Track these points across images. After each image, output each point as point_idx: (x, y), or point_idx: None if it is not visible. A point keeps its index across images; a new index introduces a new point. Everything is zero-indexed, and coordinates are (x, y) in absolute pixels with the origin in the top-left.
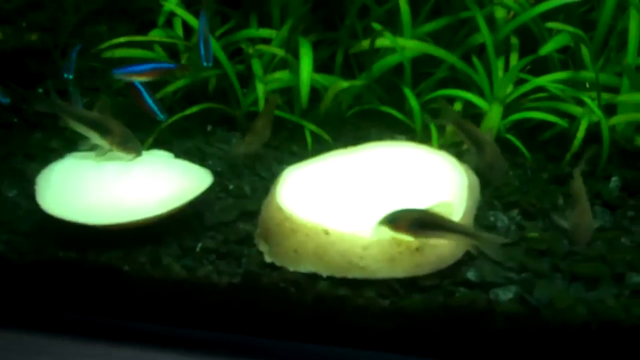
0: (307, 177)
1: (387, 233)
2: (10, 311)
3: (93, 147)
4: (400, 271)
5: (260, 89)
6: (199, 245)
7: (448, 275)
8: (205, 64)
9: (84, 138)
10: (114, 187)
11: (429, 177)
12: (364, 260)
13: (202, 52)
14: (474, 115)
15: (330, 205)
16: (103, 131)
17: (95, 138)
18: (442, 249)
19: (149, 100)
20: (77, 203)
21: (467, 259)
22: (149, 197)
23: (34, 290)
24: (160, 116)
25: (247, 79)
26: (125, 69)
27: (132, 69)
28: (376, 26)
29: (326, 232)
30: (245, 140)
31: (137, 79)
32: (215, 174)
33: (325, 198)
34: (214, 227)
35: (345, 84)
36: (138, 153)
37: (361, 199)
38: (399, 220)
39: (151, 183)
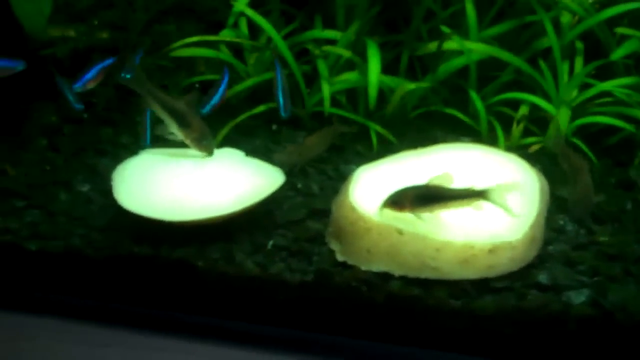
0: (378, 177)
1: (391, 214)
2: (84, 304)
3: (167, 134)
4: (472, 272)
5: (326, 89)
6: (271, 242)
7: (520, 277)
8: (283, 114)
9: (161, 123)
10: (187, 183)
11: (501, 180)
12: (436, 261)
13: (282, 101)
14: (538, 119)
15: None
16: (183, 123)
17: (172, 127)
18: (515, 251)
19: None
20: (152, 199)
21: (538, 262)
22: (222, 194)
23: (109, 285)
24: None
25: (312, 79)
26: (82, 81)
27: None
28: (445, 29)
29: (400, 232)
30: (288, 149)
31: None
32: (283, 171)
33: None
34: (284, 225)
35: (412, 85)
36: (210, 152)
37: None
38: (401, 200)
39: (224, 180)
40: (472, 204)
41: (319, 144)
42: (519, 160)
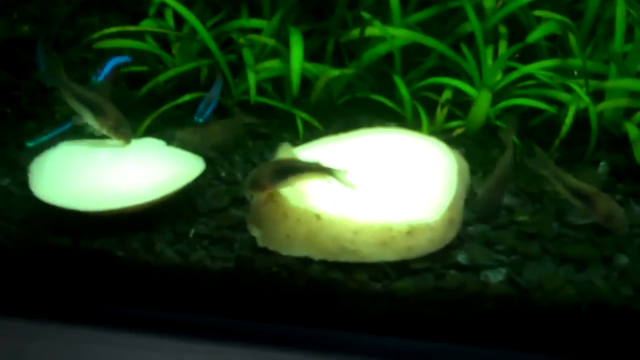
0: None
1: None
2: (2, 298)
3: (83, 125)
4: (391, 255)
5: (252, 78)
6: (192, 231)
7: (439, 258)
8: (195, 118)
9: (76, 114)
10: (107, 173)
11: (420, 163)
12: (355, 244)
13: (201, 108)
14: (463, 103)
15: (321, 190)
16: (97, 112)
17: (88, 118)
18: (434, 232)
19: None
20: (70, 190)
21: (457, 243)
22: (141, 183)
23: (28, 277)
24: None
25: (238, 68)
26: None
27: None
28: (365, 15)
29: (317, 217)
30: (189, 129)
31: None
32: (207, 161)
33: (316, 183)
34: (206, 213)
35: (336, 72)
36: (128, 140)
37: (353, 183)
38: (260, 180)
39: (144, 170)
40: (322, 178)
41: (222, 132)
42: (438, 143)
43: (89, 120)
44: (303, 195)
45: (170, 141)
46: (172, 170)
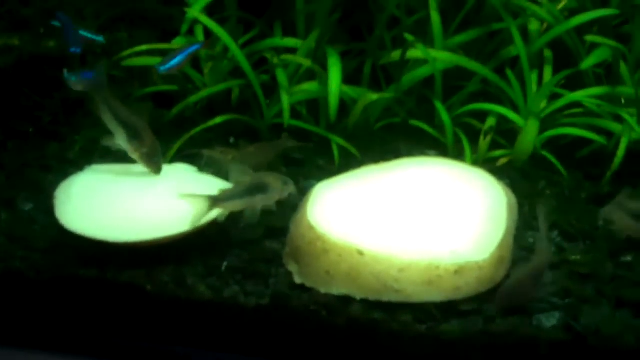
0: (338, 194)
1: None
2: (25, 330)
3: (115, 145)
4: (437, 295)
5: (286, 100)
6: (225, 264)
7: (488, 299)
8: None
9: (109, 133)
10: (137, 201)
11: (466, 196)
12: (399, 282)
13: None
14: (506, 131)
15: (364, 225)
16: (132, 135)
17: (121, 139)
18: (482, 272)
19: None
20: (98, 218)
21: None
22: (172, 213)
23: (51, 309)
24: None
25: (271, 89)
26: (168, 65)
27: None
28: (408, 37)
29: (360, 253)
30: (219, 149)
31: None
32: None
33: (358, 216)
34: (239, 245)
35: (374, 96)
36: (158, 171)
37: (397, 217)
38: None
39: (175, 197)
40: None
41: (255, 155)
42: (485, 175)
43: (122, 142)
44: (345, 230)
45: (198, 161)
46: None
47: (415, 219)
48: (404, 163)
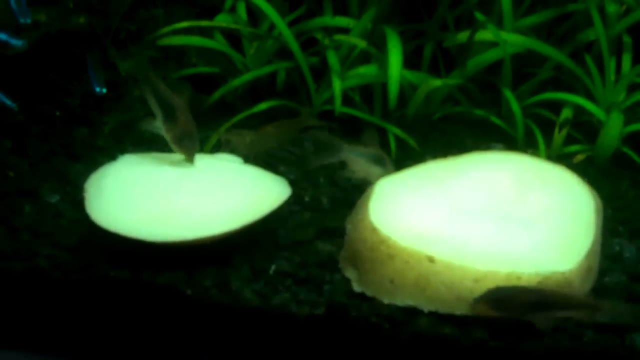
0: (404, 192)
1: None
2: (51, 335)
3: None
4: None
5: (338, 85)
6: (273, 267)
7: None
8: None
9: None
10: (175, 196)
11: (549, 197)
12: (475, 294)
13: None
14: (582, 123)
15: (434, 228)
16: (167, 115)
17: (158, 120)
18: (568, 284)
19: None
20: (133, 214)
21: (594, 296)
22: (216, 209)
23: (80, 313)
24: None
25: (320, 73)
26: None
27: None
28: (479, 16)
29: (430, 260)
30: (235, 132)
31: None
32: (288, 182)
33: (427, 219)
34: (288, 246)
35: (437, 82)
36: (191, 156)
37: (471, 221)
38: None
39: (219, 193)
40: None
41: (276, 135)
42: (567, 173)
43: (158, 123)
44: (413, 233)
45: (251, 161)
46: (252, 194)
47: (492, 222)
48: (474, 159)
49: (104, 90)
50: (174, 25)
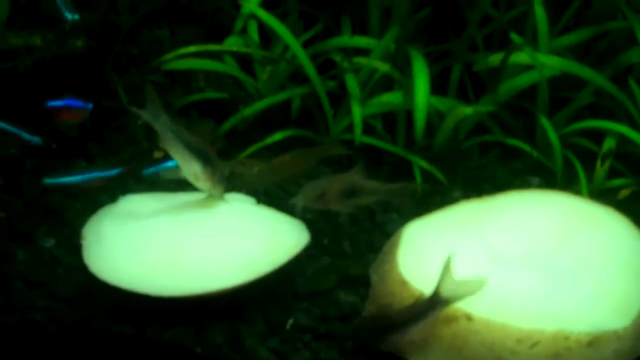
0: (434, 238)
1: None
2: None
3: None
4: None
5: (357, 112)
6: (290, 321)
7: None
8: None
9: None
10: (182, 244)
11: (598, 244)
12: (517, 356)
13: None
14: (626, 153)
15: (469, 280)
16: (207, 162)
17: (189, 169)
18: (621, 342)
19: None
20: (135, 265)
21: None
22: (227, 259)
23: None
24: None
25: (339, 99)
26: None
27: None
28: (515, 37)
29: (468, 318)
30: (242, 160)
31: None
32: (305, 222)
33: (462, 269)
34: (307, 296)
35: (468, 109)
36: (222, 195)
37: (511, 271)
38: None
39: (231, 240)
40: None
41: (292, 165)
42: (616, 214)
43: (190, 172)
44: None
45: (265, 199)
46: (267, 241)
47: (534, 273)
48: (511, 199)
49: (77, 17)
50: (180, 49)
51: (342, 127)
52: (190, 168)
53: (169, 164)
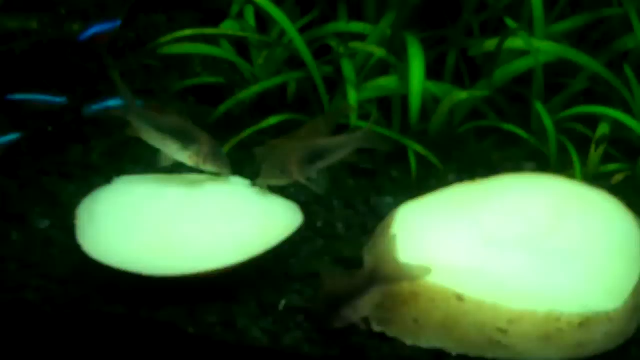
0: (427, 220)
1: None
2: None
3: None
4: (556, 352)
5: (353, 96)
6: (283, 302)
7: (617, 358)
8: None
9: (157, 151)
10: (176, 225)
11: (590, 228)
12: (508, 337)
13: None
14: (620, 139)
15: (462, 263)
16: (186, 141)
17: (174, 151)
18: (612, 324)
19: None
20: (129, 245)
21: None
22: (221, 239)
23: (70, 351)
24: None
25: (334, 83)
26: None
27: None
28: (509, 22)
29: (459, 298)
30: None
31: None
32: (299, 205)
33: (455, 250)
34: (300, 277)
35: (463, 94)
36: (229, 171)
37: (503, 253)
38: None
39: (224, 220)
40: None
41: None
42: (609, 198)
43: (176, 153)
44: (440, 268)
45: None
46: (260, 222)
47: (527, 255)
48: (505, 182)
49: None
50: (176, 32)
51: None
52: (171, 152)
53: (112, 102)
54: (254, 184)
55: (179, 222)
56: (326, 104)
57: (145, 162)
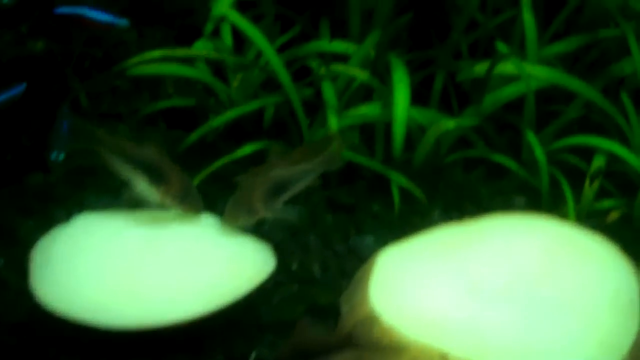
0: (411, 267)
1: None
2: None
3: (135, 198)
4: None
5: (334, 122)
6: (253, 354)
7: None
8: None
9: (124, 184)
10: (139, 270)
11: (584, 276)
12: None
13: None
14: (616, 172)
15: (448, 317)
16: (156, 177)
17: (141, 185)
18: None
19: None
20: (85, 293)
21: None
22: (188, 287)
23: None
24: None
25: (314, 107)
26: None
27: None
28: (501, 47)
29: (444, 358)
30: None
31: None
32: (273, 244)
33: (439, 301)
34: (272, 327)
35: (451, 123)
36: (198, 211)
37: (491, 305)
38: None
39: (192, 266)
40: None
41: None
42: (605, 243)
43: (143, 187)
44: (423, 323)
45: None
46: (230, 267)
47: (516, 306)
48: (493, 224)
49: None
50: (146, 53)
51: (318, 137)
52: (137, 184)
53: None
54: (223, 222)
55: (143, 267)
56: (305, 130)
57: (111, 194)
